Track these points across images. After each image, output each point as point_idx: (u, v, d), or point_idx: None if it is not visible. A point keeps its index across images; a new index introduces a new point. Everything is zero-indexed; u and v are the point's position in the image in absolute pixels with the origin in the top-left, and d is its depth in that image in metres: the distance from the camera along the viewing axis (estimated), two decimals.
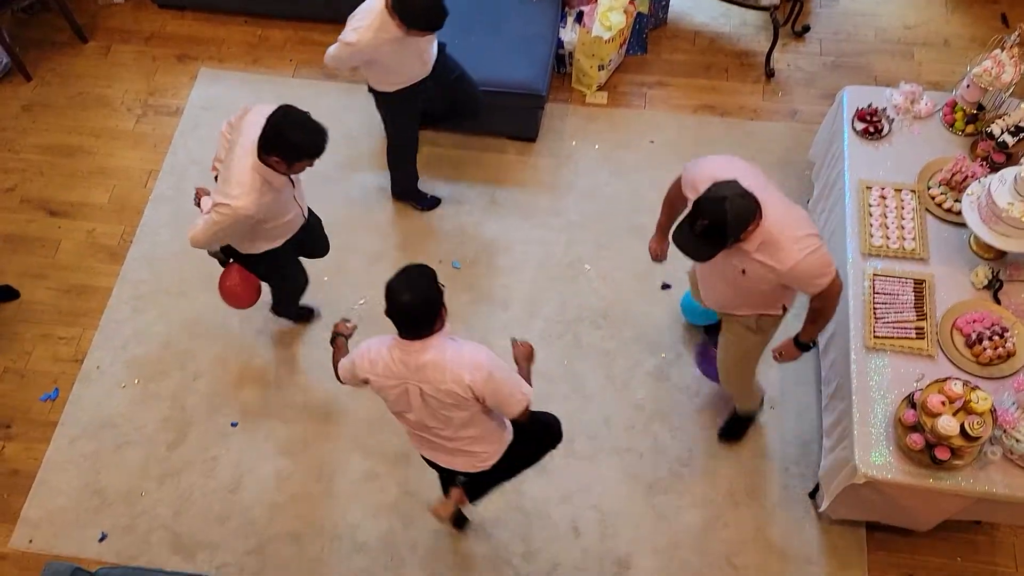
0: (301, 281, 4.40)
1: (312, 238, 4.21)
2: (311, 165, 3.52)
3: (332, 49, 4.10)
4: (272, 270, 4.09)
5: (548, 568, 4.04)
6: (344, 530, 4.15)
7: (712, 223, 2.94)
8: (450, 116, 4.87)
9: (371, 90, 4.38)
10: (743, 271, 3.23)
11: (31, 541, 4.17)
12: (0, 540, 4.19)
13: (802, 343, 3.62)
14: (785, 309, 3.59)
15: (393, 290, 2.90)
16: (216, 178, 3.75)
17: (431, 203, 5.04)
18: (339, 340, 3.51)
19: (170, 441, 4.39)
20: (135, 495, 4.26)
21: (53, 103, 5.55)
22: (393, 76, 4.26)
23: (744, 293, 3.44)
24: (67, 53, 5.77)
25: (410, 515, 4.17)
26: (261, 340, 4.64)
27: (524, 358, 3.42)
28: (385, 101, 4.40)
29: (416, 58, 4.21)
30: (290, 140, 3.37)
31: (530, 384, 3.25)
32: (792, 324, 3.74)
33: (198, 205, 3.83)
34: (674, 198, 3.59)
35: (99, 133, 5.43)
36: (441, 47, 4.40)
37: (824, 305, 3.36)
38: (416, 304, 2.90)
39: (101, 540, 4.16)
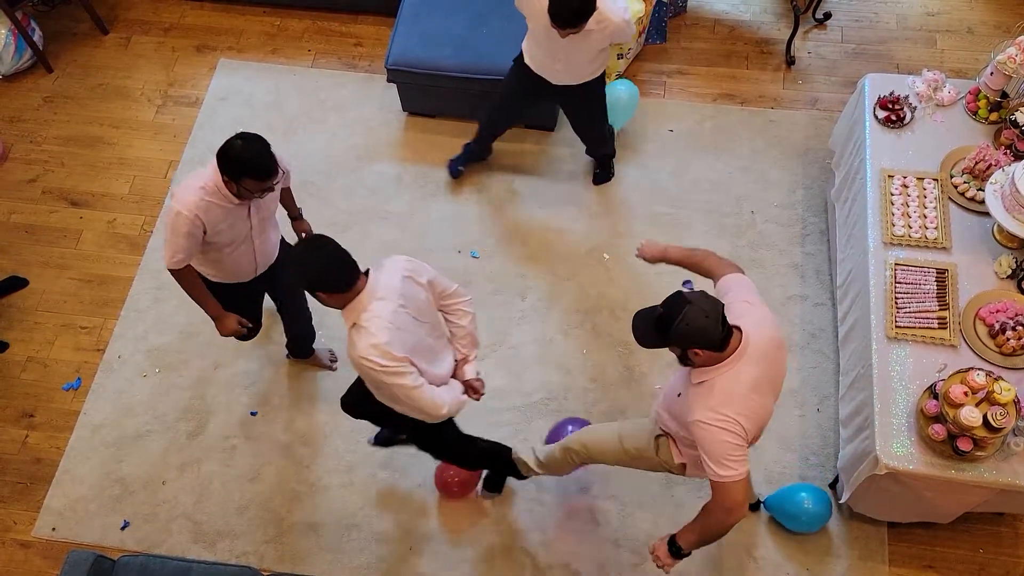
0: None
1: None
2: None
3: None
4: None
5: (566, 558, 4.04)
6: (362, 519, 4.16)
7: (664, 315, 2.81)
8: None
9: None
10: (678, 394, 3.12)
11: (54, 529, 4.22)
12: (24, 528, 4.24)
13: (676, 546, 3.10)
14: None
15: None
16: None
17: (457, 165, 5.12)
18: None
19: (190, 430, 4.42)
20: (156, 484, 4.29)
21: (74, 94, 5.59)
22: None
23: (678, 420, 3.18)
24: (87, 44, 5.80)
25: (428, 505, 4.18)
26: (281, 330, 4.66)
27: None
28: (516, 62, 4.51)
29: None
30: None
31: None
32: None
33: None
34: (706, 268, 3.31)
35: (119, 124, 5.46)
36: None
37: (708, 514, 2.99)
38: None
39: (123, 528, 4.20)
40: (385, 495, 4.23)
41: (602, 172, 5.03)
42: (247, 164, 3.26)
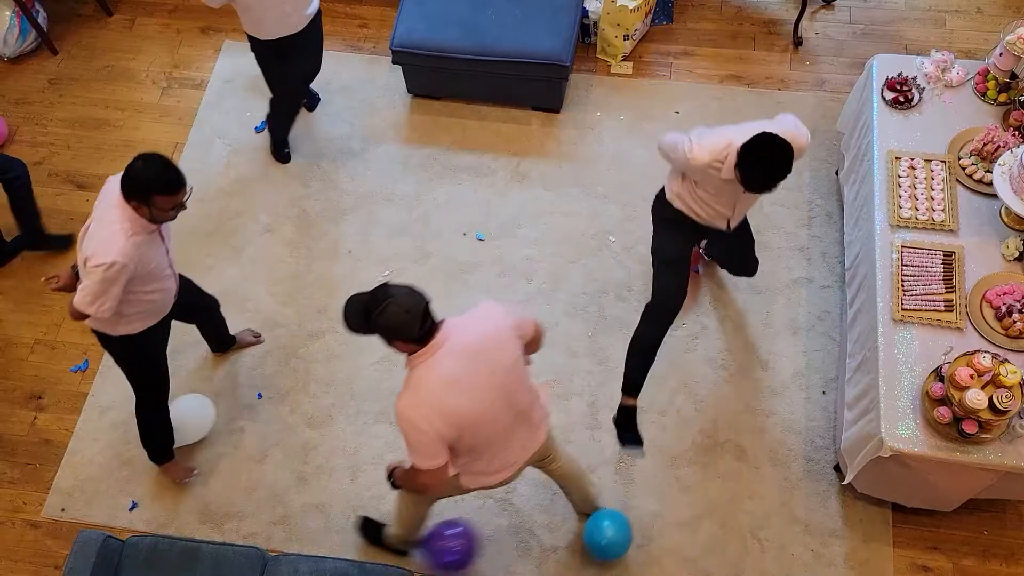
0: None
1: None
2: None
3: None
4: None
5: (571, 540, 4.06)
6: (368, 501, 4.19)
7: (367, 305, 2.86)
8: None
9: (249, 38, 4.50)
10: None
11: (63, 510, 4.25)
12: (33, 509, 4.27)
13: (391, 478, 3.30)
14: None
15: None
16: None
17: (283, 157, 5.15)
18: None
19: None
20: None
21: (79, 77, 5.58)
22: (256, 22, 4.37)
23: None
24: (92, 26, 5.79)
25: None
26: (287, 313, 4.67)
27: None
28: (254, 49, 4.55)
29: (273, 6, 4.25)
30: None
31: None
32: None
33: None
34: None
35: (125, 106, 5.45)
36: (319, 19, 4.58)
37: (409, 479, 3.13)
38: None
39: (131, 509, 4.22)
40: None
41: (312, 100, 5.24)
42: (155, 180, 3.20)
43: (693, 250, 4.09)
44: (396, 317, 2.79)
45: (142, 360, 3.84)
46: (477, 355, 2.93)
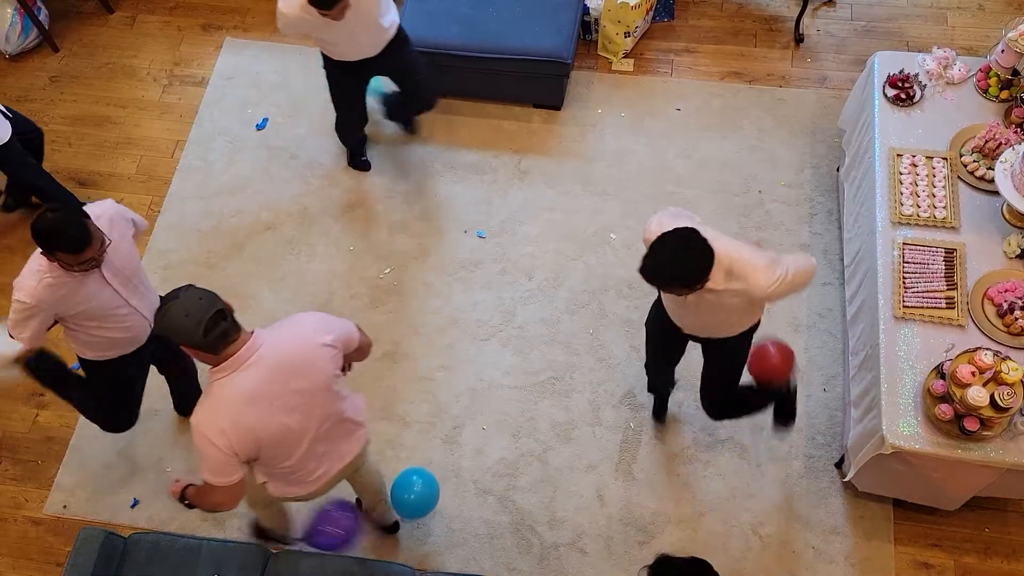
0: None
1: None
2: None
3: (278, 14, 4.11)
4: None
5: (573, 536, 4.06)
6: None
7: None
8: (402, 107, 4.94)
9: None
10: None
11: (65, 507, 4.26)
12: (35, 506, 4.28)
13: (184, 496, 3.14)
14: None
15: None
16: None
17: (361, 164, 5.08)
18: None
19: None
20: (165, 463, 4.32)
21: (80, 74, 5.58)
22: (330, 47, 4.31)
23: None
24: (93, 24, 5.79)
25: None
26: (288, 311, 4.67)
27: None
28: (325, 66, 4.50)
29: (346, 35, 4.17)
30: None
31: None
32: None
33: None
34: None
35: (126, 104, 5.45)
36: (402, 39, 4.41)
37: (204, 496, 2.98)
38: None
39: (133, 506, 4.23)
40: (392, 475, 4.24)
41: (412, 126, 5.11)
42: (56, 237, 3.11)
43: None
44: (175, 320, 2.66)
45: (100, 384, 3.80)
46: (286, 371, 2.83)
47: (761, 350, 3.58)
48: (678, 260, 2.94)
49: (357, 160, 5.06)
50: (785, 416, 3.94)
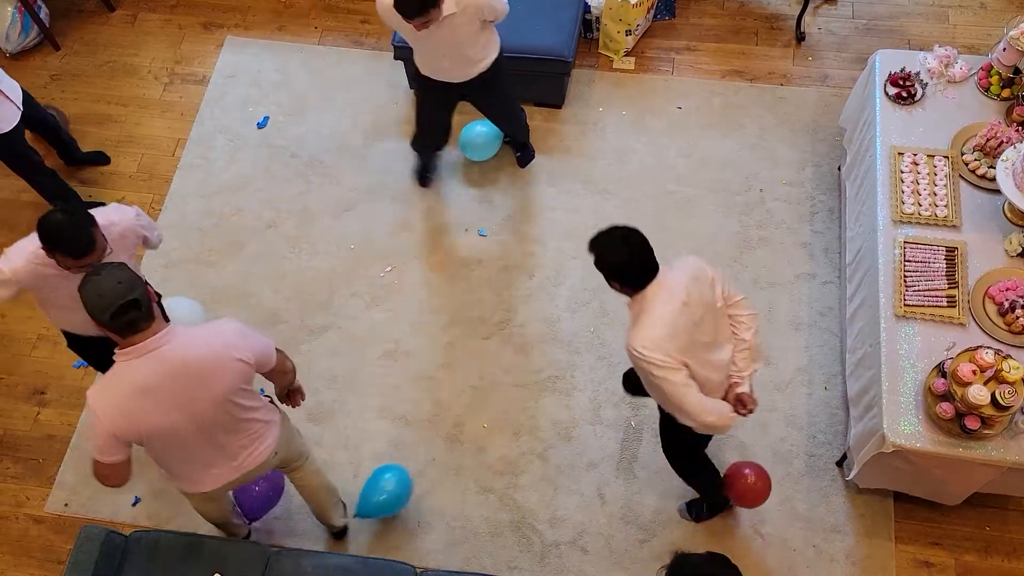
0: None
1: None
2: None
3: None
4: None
5: (573, 535, 4.06)
6: None
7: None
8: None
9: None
10: None
11: (67, 505, 4.26)
12: (37, 504, 4.28)
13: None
14: None
15: None
16: None
17: (422, 179, 5.03)
18: None
19: None
20: None
21: (81, 72, 5.58)
22: (415, 55, 4.31)
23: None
24: (94, 22, 5.79)
25: (436, 482, 4.21)
26: (289, 309, 4.68)
27: None
28: (411, 74, 4.59)
29: (430, 52, 4.18)
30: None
31: None
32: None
33: None
34: None
35: (127, 102, 5.45)
36: (496, 75, 4.36)
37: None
38: None
39: (134, 504, 4.23)
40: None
41: (523, 154, 5.02)
42: (59, 239, 3.17)
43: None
44: (88, 296, 2.72)
45: (76, 345, 3.90)
46: (186, 373, 2.86)
47: (740, 476, 3.79)
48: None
49: (419, 174, 5.01)
50: (707, 512, 4.06)
